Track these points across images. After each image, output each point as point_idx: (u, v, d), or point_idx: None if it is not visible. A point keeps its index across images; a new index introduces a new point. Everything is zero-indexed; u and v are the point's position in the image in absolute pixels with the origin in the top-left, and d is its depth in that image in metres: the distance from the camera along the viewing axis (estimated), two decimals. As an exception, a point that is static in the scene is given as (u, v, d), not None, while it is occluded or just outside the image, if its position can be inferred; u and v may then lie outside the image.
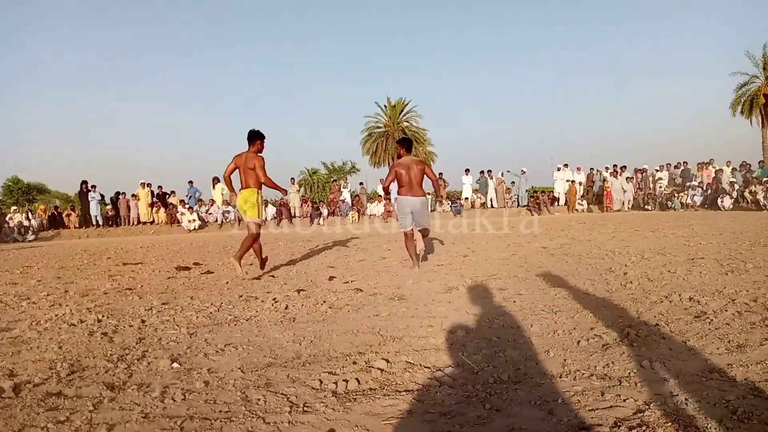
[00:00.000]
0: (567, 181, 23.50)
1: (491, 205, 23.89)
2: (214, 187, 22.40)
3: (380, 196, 23.66)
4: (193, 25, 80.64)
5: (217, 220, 21.65)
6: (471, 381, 2.51)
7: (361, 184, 26.21)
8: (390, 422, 2.10)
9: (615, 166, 23.20)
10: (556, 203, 23.79)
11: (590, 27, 76.18)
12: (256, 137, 6.53)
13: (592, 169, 24.59)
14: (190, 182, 22.97)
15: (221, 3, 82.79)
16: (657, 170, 23.60)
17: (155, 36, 79.10)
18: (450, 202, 22.66)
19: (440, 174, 23.93)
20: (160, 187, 23.13)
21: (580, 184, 23.71)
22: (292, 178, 24.56)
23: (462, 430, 2.00)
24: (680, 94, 73.29)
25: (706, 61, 69.56)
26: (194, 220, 20.66)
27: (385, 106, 40.93)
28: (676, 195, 21.04)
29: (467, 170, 24.63)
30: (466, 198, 24.14)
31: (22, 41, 66.68)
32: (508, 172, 24.51)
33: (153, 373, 2.79)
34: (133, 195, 21.87)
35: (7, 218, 19.94)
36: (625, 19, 74.00)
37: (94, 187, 21.32)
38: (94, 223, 21.38)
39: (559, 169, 24.26)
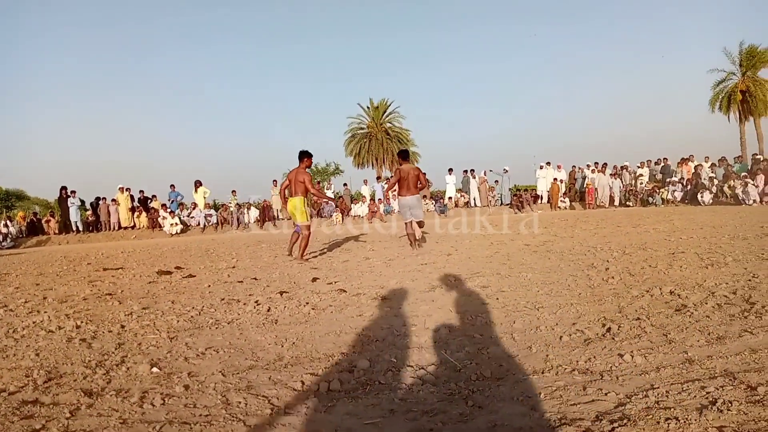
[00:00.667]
0: (555, 180, 23.75)
1: (474, 204, 23.99)
2: (196, 190, 22.19)
3: (364, 197, 23.65)
4: (174, 27, 79.88)
5: (199, 224, 21.47)
6: (454, 378, 2.51)
7: (345, 185, 26.22)
8: (372, 421, 2.08)
9: (596, 163, 23.43)
10: (539, 201, 23.97)
11: (569, 24, 76.85)
12: (303, 156, 8.09)
13: (574, 166, 24.81)
14: (172, 186, 22.71)
15: (204, 6, 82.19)
16: (638, 167, 23.90)
17: (135, 39, 78.24)
18: (434, 202, 22.71)
19: (423, 174, 23.98)
20: (141, 191, 22.87)
21: (562, 181, 23.90)
22: (275, 180, 24.38)
23: (444, 427, 1.99)
24: (659, 91, 74.12)
25: (685, 57, 70.43)
26: (176, 224, 20.46)
27: (367, 107, 40.90)
28: (657, 191, 21.30)
29: (450, 170, 24.73)
30: (450, 197, 24.21)
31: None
32: (491, 171, 24.65)
33: (132, 379, 2.74)
34: (113, 200, 21.59)
35: (-16, 226, 19.58)
36: (603, 16, 74.72)
37: (73, 192, 21.00)
38: (75, 228, 21.05)
39: (541, 167, 24.44)
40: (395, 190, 12.62)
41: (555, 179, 23.37)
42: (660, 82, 71.35)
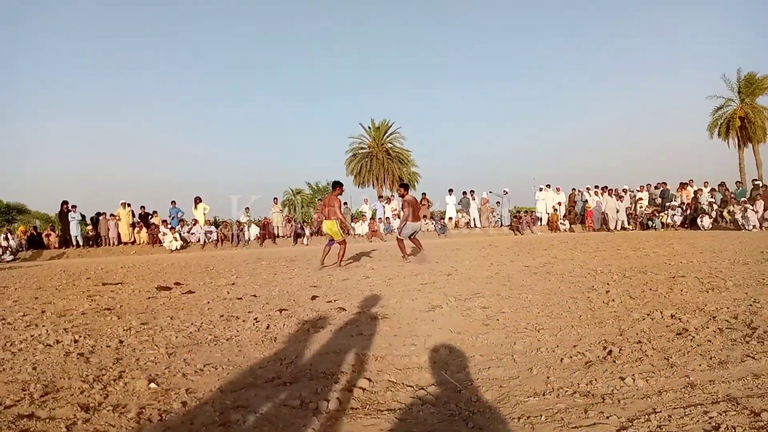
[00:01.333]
0: (556, 204, 23.83)
1: (474, 224, 24.00)
2: (195, 206, 22.26)
3: (364, 215, 23.67)
4: (173, 42, 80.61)
5: (199, 240, 21.46)
6: (454, 399, 2.49)
7: (345, 204, 26.21)
8: (371, 442, 2.06)
9: (596, 186, 23.46)
10: (539, 223, 23.98)
11: (569, 47, 77.53)
12: (335, 185, 10.09)
13: (574, 189, 24.88)
14: (173, 202, 22.83)
15: (209, 22, 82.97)
16: (638, 190, 23.94)
17: (138, 53, 78.88)
18: (434, 222, 22.72)
19: (423, 194, 24.10)
20: (142, 207, 22.94)
21: (560, 204, 23.97)
22: (275, 198, 24.46)
23: (445, 448, 1.97)
24: (659, 116, 74.60)
25: (684, 83, 70.99)
26: (176, 240, 20.46)
27: (369, 128, 41.17)
28: (657, 215, 21.32)
29: (450, 190, 24.80)
30: (450, 218, 24.23)
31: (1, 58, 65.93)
32: (491, 192, 24.71)
33: (129, 394, 2.72)
34: (112, 215, 21.63)
35: (-16, 239, 19.53)
36: (604, 39, 75.44)
37: (74, 207, 21.06)
38: (75, 243, 21.06)
39: (541, 189, 24.51)
40: (395, 210, 16.42)
41: (555, 209, 23.40)
42: (659, 107, 71.94)
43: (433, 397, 2.53)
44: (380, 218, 23.49)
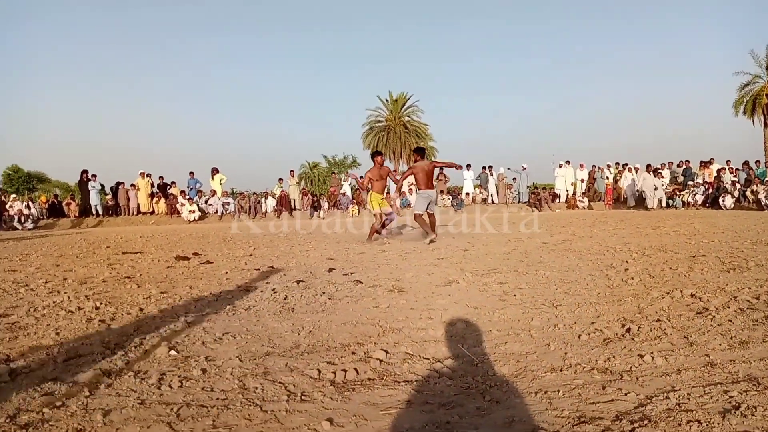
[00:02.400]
0: (571, 184, 23.62)
1: (492, 201, 23.87)
2: (212, 177, 22.39)
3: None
4: (195, 13, 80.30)
5: (216, 212, 21.63)
6: (471, 373, 2.49)
7: (361, 177, 26.17)
8: (388, 412, 2.08)
9: (617, 163, 23.09)
10: (557, 200, 23.77)
11: (592, 23, 75.86)
12: (375, 155, 10.06)
13: (594, 166, 24.53)
14: (191, 173, 22.99)
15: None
16: (659, 168, 23.53)
17: (156, 23, 78.79)
18: (451, 198, 22.62)
19: (441, 169, 23.94)
20: (161, 177, 23.15)
21: (582, 180, 23.69)
22: (292, 171, 24.52)
23: (461, 421, 1.98)
24: (683, 93, 73.11)
25: (710, 59, 69.25)
26: (194, 211, 20.64)
27: (386, 100, 40.82)
28: (678, 193, 20.98)
29: (468, 165, 24.59)
30: (467, 193, 24.10)
31: (21, 29, 66.18)
32: (509, 169, 24.48)
33: (150, 361, 2.76)
34: (132, 185, 21.85)
35: (6, 206, 19.84)
36: (628, 15, 73.70)
37: (94, 176, 21.30)
38: (94, 212, 21.36)
39: (560, 166, 24.21)
40: (412, 184, 15.00)
41: (573, 184, 23.11)
42: (682, 84, 70.40)
43: (450, 369, 2.54)
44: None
